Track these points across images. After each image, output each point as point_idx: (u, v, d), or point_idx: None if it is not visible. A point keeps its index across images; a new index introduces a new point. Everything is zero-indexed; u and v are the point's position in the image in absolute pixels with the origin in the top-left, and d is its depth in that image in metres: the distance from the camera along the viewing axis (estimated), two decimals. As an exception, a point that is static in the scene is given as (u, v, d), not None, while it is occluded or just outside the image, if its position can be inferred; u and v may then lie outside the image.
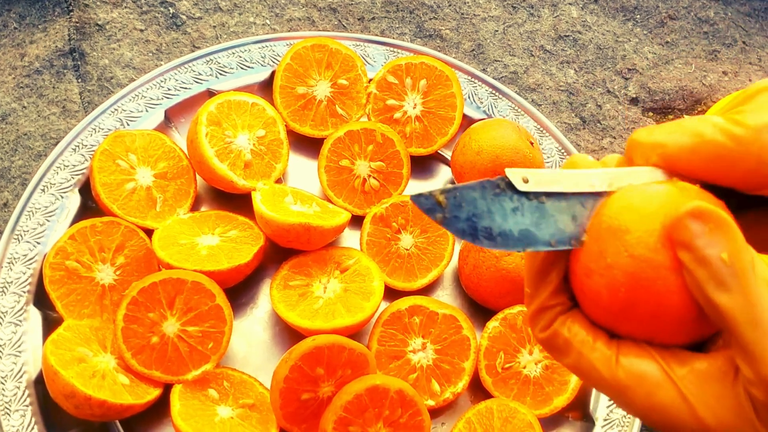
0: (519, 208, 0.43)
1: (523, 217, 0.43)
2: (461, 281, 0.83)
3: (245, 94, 0.85)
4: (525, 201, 0.43)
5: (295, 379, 0.71)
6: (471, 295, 0.83)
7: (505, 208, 0.43)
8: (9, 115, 0.90)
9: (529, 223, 0.43)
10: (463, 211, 0.42)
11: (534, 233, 0.43)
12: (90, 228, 0.77)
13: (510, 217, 0.43)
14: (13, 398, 0.72)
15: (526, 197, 0.43)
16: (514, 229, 0.43)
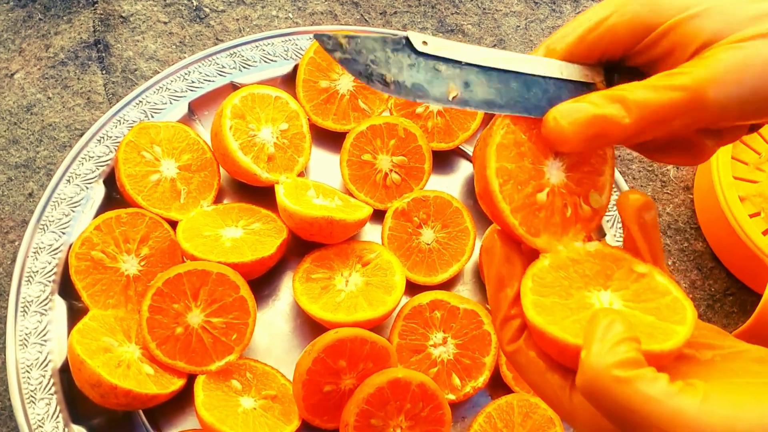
0: (415, 65, 0.49)
1: (418, 74, 0.48)
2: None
3: (269, 88, 0.86)
4: (422, 60, 0.49)
5: (317, 371, 0.71)
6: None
7: (402, 62, 0.48)
8: (34, 106, 0.90)
9: (423, 80, 0.48)
10: (363, 56, 0.47)
11: (426, 88, 0.48)
12: (115, 219, 0.78)
13: (405, 71, 0.48)
14: (39, 387, 0.73)
15: (423, 58, 0.49)
16: (408, 81, 0.48)
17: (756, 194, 0.83)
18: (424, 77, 0.49)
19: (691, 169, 0.93)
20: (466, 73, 0.50)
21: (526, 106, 0.51)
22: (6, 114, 0.90)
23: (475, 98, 0.50)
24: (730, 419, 0.38)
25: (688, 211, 0.92)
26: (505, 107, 0.51)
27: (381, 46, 0.49)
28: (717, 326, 0.71)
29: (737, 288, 0.88)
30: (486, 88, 0.51)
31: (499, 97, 0.51)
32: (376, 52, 0.48)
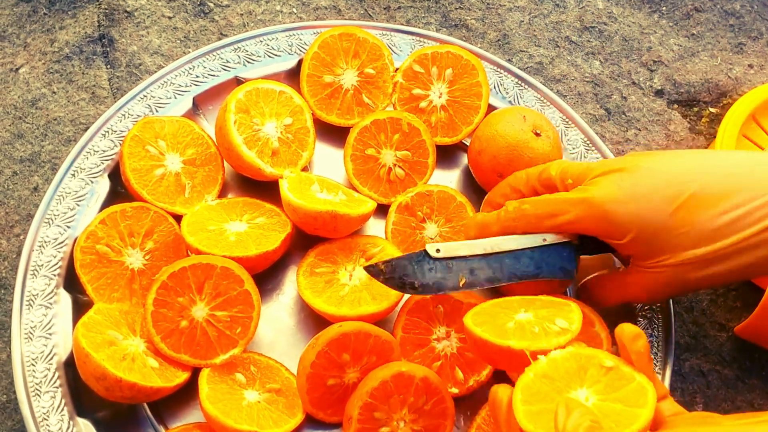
0: (433, 268, 0.72)
1: (436, 273, 0.72)
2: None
3: (273, 83, 0.86)
4: (438, 263, 0.72)
5: (321, 364, 0.72)
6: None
7: (424, 269, 0.72)
8: (39, 101, 0.91)
9: (440, 277, 0.72)
10: (396, 273, 0.72)
11: (443, 283, 0.72)
12: (120, 213, 0.78)
13: (427, 274, 0.72)
14: (44, 380, 0.73)
15: (439, 261, 0.72)
16: (430, 281, 0.72)
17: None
18: (441, 276, 0.72)
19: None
20: (470, 263, 0.72)
21: (518, 274, 0.73)
22: (11, 108, 0.90)
23: (479, 280, 0.73)
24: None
25: (692, 206, 0.92)
26: (503, 279, 0.73)
27: (408, 262, 0.72)
28: (719, 322, 0.79)
29: (740, 283, 0.88)
30: (487, 270, 0.73)
31: (498, 273, 0.73)
32: (406, 268, 0.72)
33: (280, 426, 0.72)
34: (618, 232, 0.69)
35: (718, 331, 0.86)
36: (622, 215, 0.68)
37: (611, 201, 0.68)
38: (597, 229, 0.70)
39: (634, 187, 0.68)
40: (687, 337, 0.85)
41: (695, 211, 0.66)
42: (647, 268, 0.70)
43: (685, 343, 0.85)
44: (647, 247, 0.68)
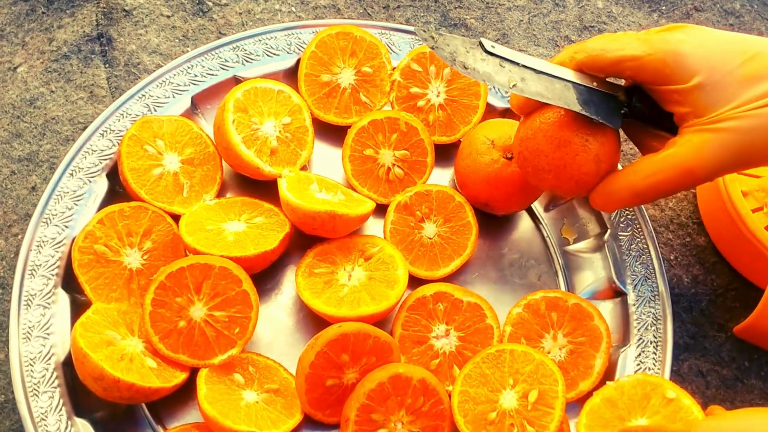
0: (485, 59, 0.70)
1: (487, 65, 0.70)
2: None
3: (271, 82, 0.86)
4: (490, 57, 0.70)
5: (320, 365, 0.71)
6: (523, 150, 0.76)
7: (476, 56, 0.70)
8: (37, 100, 0.91)
9: (491, 70, 0.70)
10: (447, 49, 0.69)
11: (493, 75, 0.70)
12: (118, 212, 0.78)
13: (479, 62, 0.69)
14: (42, 380, 0.73)
15: (492, 56, 0.70)
16: (480, 69, 0.69)
17: (759, 189, 0.83)
18: (491, 69, 0.70)
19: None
20: (522, 71, 0.70)
21: (566, 101, 0.70)
22: (9, 107, 0.90)
23: (529, 89, 0.70)
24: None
25: (691, 206, 0.92)
26: (551, 99, 0.70)
27: (461, 43, 0.69)
28: (719, 323, 0.79)
29: (739, 283, 0.88)
30: (537, 83, 0.70)
31: (547, 92, 0.70)
32: (458, 48, 0.69)
33: (279, 426, 0.72)
34: (684, 72, 0.65)
35: (717, 332, 0.86)
36: (691, 55, 0.64)
37: (681, 41, 0.65)
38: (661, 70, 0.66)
39: (702, 36, 0.66)
40: (686, 337, 0.85)
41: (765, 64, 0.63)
42: (705, 125, 0.64)
43: (684, 344, 0.85)
44: (712, 94, 0.64)
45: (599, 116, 0.70)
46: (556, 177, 0.73)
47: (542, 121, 0.72)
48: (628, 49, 0.67)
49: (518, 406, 0.73)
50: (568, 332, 0.78)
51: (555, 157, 0.71)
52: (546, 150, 0.72)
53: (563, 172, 0.72)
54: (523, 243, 0.88)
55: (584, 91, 0.70)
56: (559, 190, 0.74)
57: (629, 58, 0.67)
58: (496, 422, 0.72)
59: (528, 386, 0.73)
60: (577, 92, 0.70)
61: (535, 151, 0.73)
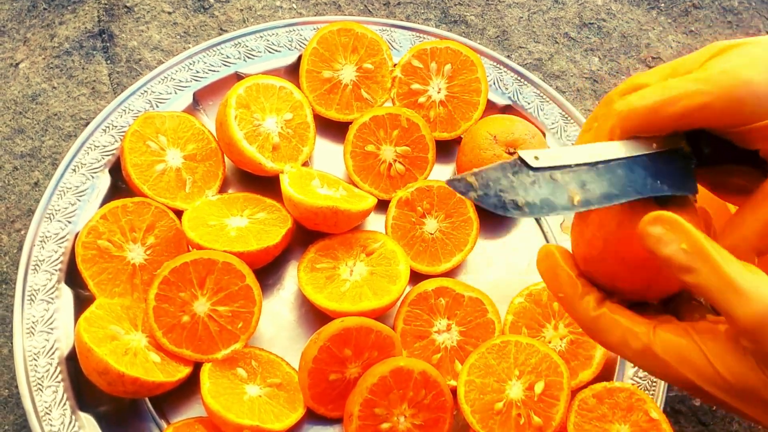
0: (536, 181, 0.51)
1: (541, 189, 0.51)
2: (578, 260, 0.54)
3: (273, 78, 0.86)
4: (539, 175, 0.51)
5: (323, 359, 0.72)
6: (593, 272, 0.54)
7: (525, 182, 0.51)
8: (39, 96, 0.91)
9: (547, 193, 0.51)
10: (492, 188, 0.50)
11: (552, 201, 0.51)
12: (121, 208, 0.78)
13: (530, 190, 0.51)
14: (46, 374, 0.73)
15: (540, 172, 0.51)
16: (536, 199, 0.51)
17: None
18: (547, 191, 0.51)
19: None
20: (578, 175, 0.53)
21: (636, 188, 0.53)
22: (11, 103, 0.90)
23: (594, 195, 0.52)
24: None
25: (690, 201, 0.92)
26: (621, 195, 0.52)
27: (502, 174, 0.51)
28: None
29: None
30: (599, 183, 0.52)
31: (613, 188, 0.52)
32: (501, 181, 0.51)
33: (281, 420, 0.72)
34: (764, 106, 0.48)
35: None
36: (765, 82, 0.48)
37: (744, 67, 0.48)
38: (737, 111, 0.49)
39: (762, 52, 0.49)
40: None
41: None
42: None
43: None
44: None
45: (673, 187, 0.54)
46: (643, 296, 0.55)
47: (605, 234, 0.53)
48: (691, 96, 0.50)
49: (524, 397, 0.73)
50: (570, 322, 0.79)
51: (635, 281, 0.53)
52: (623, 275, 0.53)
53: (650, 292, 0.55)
54: (523, 238, 0.88)
55: (648, 162, 0.54)
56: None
57: (697, 107, 0.49)
58: (503, 412, 0.73)
59: (534, 377, 0.74)
60: (642, 169, 0.54)
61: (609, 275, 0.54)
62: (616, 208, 0.50)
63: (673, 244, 0.45)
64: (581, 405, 0.74)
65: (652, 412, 0.73)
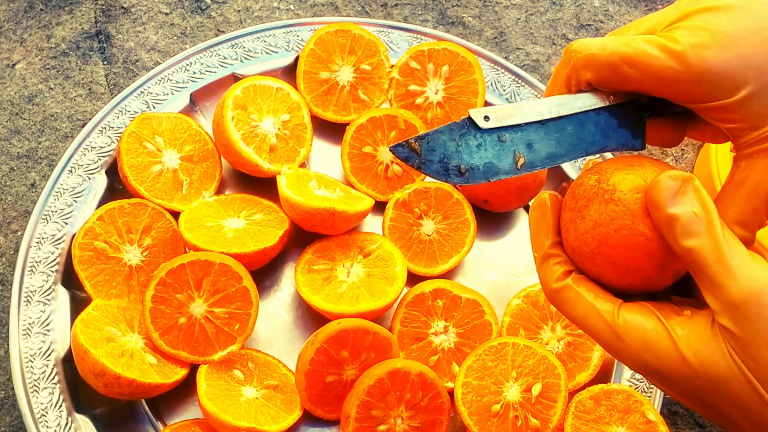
0: (482, 144, 0.50)
1: (486, 152, 0.50)
2: (566, 246, 0.52)
3: (270, 79, 0.86)
4: (487, 137, 0.50)
5: (320, 361, 0.72)
6: (579, 263, 0.51)
7: (471, 145, 0.50)
8: (36, 96, 0.91)
9: (492, 156, 0.50)
10: (436, 154, 0.49)
11: (496, 165, 0.50)
12: (118, 209, 0.78)
13: (475, 153, 0.50)
14: (42, 376, 0.73)
15: (488, 133, 0.50)
16: (479, 163, 0.50)
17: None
18: (492, 153, 0.50)
19: (690, 161, 0.94)
20: (527, 134, 0.51)
21: (584, 147, 0.52)
22: (8, 104, 0.90)
23: (539, 157, 0.51)
24: None
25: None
26: (566, 155, 0.52)
27: (449, 136, 0.49)
28: None
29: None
30: (547, 142, 0.51)
31: (560, 147, 0.52)
32: (447, 144, 0.49)
33: (278, 422, 0.72)
34: (726, 88, 0.46)
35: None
36: (730, 62, 0.46)
37: (708, 47, 0.46)
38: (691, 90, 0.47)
39: (736, 24, 0.46)
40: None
41: None
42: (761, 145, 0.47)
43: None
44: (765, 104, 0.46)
45: (623, 143, 0.54)
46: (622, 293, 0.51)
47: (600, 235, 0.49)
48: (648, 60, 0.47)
49: (522, 399, 0.73)
50: (567, 324, 0.79)
51: (620, 284, 0.50)
52: (608, 275, 0.49)
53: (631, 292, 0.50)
54: (521, 240, 0.88)
55: (600, 117, 0.53)
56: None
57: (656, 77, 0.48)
58: (501, 414, 0.73)
59: (531, 379, 0.74)
60: (593, 125, 0.53)
61: (593, 271, 0.50)
62: (617, 212, 0.47)
63: (686, 204, 0.44)
64: (578, 407, 0.74)
65: (649, 414, 0.73)
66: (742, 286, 0.42)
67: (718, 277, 0.42)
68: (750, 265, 0.43)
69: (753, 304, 0.42)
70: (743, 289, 0.42)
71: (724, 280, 0.42)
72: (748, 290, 0.42)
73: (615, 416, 0.73)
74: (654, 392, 0.78)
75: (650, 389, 0.78)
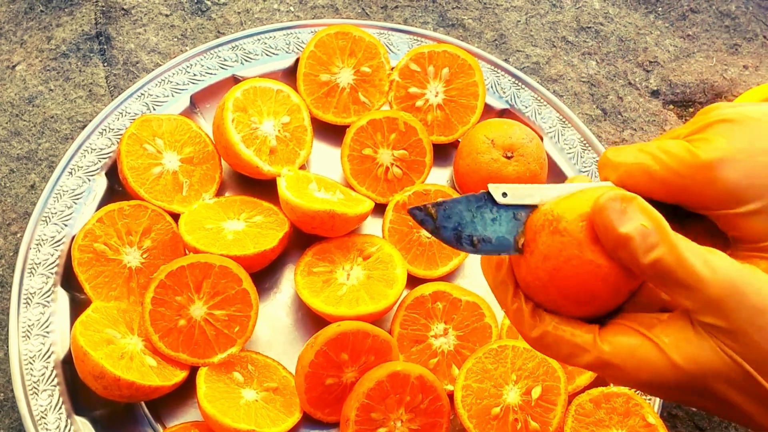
0: (497, 218, 0.51)
1: (500, 226, 0.51)
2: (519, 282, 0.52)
3: (270, 81, 0.86)
4: (503, 212, 0.51)
5: (320, 364, 0.72)
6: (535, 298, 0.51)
7: (486, 218, 0.51)
8: (36, 98, 0.91)
9: (505, 232, 0.51)
10: (451, 221, 0.50)
11: (509, 240, 0.51)
12: (118, 211, 0.78)
13: (489, 226, 0.51)
14: (41, 378, 0.73)
15: (504, 209, 0.51)
16: (493, 236, 0.51)
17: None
18: (506, 229, 0.51)
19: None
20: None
21: None
22: (8, 106, 0.90)
23: None
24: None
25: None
26: None
27: (466, 207, 0.51)
28: None
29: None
30: None
31: None
32: (463, 214, 0.51)
33: (278, 425, 0.72)
34: (734, 198, 0.49)
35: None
36: (740, 176, 0.49)
37: (721, 158, 0.49)
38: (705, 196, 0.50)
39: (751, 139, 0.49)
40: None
41: None
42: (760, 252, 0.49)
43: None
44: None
45: None
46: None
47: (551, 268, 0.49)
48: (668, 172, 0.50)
49: (521, 402, 0.73)
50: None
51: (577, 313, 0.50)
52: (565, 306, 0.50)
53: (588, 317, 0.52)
54: (520, 242, 0.88)
55: None
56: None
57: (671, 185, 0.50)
58: (501, 417, 0.73)
59: (531, 382, 0.74)
60: None
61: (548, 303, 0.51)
62: (564, 242, 0.47)
63: (633, 220, 0.45)
64: (578, 410, 0.74)
65: (648, 417, 0.73)
66: (715, 282, 0.43)
67: (689, 281, 0.43)
68: (712, 260, 0.44)
69: (730, 296, 0.43)
70: (717, 284, 0.43)
71: (695, 282, 0.43)
72: (722, 284, 0.43)
73: (615, 419, 0.73)
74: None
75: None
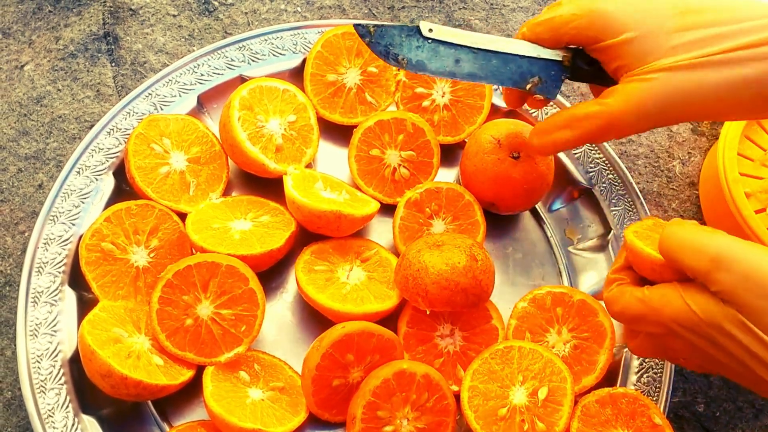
0: (420, 46, 0.70)
1: (422, 53, 0.70)
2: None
3: (277, 81, 0.86)
4: (426, 43, 0.70)
5: (326, 366, 0.72)
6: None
7: (412, 45, 0.70)
8: (44, 98, 0.91)
9: (424, 58, 0.71)
10: (384, 40, 0.70)
11: (426, 63, 0.71)
12: (125, 210, 0.78)
13: (413, 51, 0.70)
14: (49, 377, 0.73)
15: (428, 41, 0.70)
16: (414, 58, 0.70)
17: (761, 190, 0.84)
18: (425, 56, 0.70)
19: (697, 165, 0.94)
20: (458, 53, 0.71)
21: (501, 78, 0.72)
22: (16, 106, 0.90)
23: (462, 71, 0.71)
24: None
25: (694, 206, 0.92)
26: (485, 78, 0.72)
27: (398, 32, 0.70)
28: None
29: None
30: (472, 64, 0.71)
31: (481, 71, 0.72)
32: (394, 37, 0.70)
33: (284, 424, 0.72)
34: (615, 27, 0.66)
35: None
36: (622, 11, 0.66)
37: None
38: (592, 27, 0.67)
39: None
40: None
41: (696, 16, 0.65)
42: (638, 75, 0.66)
43: (686, 343, 0.85)
44: (643, 47, 0.65)
45: (538, 89, 0.72)
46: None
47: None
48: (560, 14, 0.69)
49: (528, 403, 0.73)
50: (573, 327, 0.79)
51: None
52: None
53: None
54: (527, 243, 0.88)
55: (525, 63, 0.71)
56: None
57: (560, 23, 0.69)
58: (507, 418, 0.73)
59: (537, 383, 0.74)
60: (515, 66, 0.71)
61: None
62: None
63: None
64: (584, 410, 0.74)
65: (655, 417, 0.73)
66: (701, 260, 0.58)
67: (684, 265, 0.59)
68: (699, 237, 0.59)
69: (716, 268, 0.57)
70: (704, 262, 0.57)
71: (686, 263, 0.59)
72: (709, 257, 0.57)
73: (621, 420, 0.73)
74: (660, 396, 0.78)
75: (657, 392, 0.78)
